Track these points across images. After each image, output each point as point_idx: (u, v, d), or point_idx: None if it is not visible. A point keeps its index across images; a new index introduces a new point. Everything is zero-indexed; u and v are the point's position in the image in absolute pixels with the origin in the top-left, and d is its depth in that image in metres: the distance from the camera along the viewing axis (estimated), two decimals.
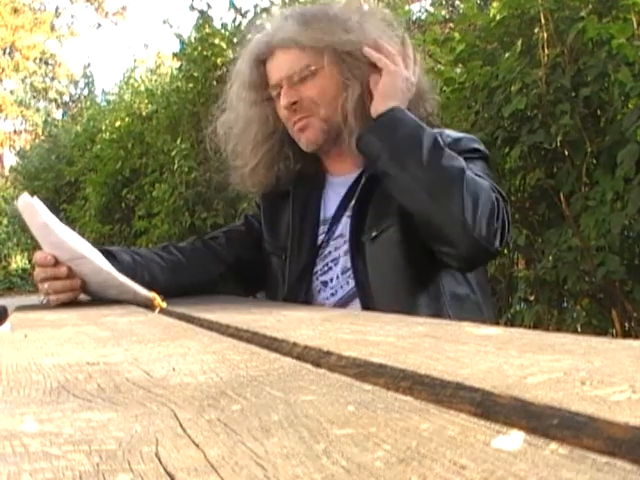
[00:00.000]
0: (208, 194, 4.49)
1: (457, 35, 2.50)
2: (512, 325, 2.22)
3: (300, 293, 1.21)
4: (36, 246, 1.16)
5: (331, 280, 1.20)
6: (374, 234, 1.15)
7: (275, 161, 1.29)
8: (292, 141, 1.27)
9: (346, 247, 1.19)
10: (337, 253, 1.20)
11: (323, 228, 1.24)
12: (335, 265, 1.20)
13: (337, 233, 1.22)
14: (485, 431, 0.27)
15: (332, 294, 1.19)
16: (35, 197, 1.09)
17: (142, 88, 6.60)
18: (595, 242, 1.90)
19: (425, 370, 0.36)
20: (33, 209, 1.07)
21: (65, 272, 1.10)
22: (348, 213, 1.21)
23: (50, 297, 1.12)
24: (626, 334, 1.96)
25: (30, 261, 10.90)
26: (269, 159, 1.28)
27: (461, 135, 1.24)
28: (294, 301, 1.19)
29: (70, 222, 6.99)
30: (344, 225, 1.21)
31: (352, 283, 1.16)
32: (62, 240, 1.08)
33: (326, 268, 1.21)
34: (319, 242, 1.23)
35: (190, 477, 0.23)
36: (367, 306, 1.13)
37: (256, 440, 0.27)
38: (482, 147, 1.22)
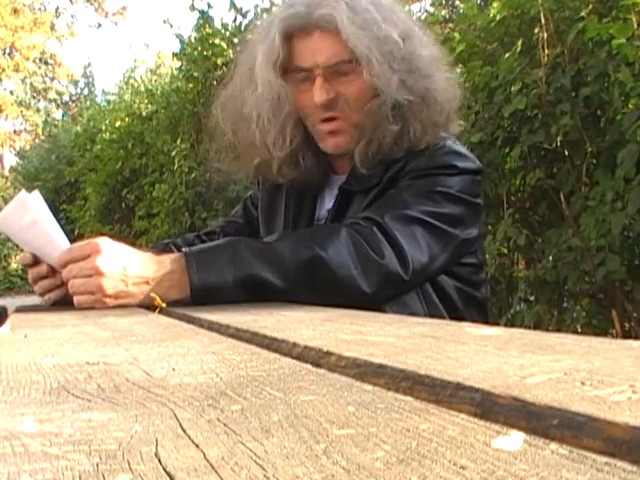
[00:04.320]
0: (208, 194, 4.50)
1: (457, 35, 2.50)
2: (512, 325, 2.22)
3: None
4: None
5: None
6: None
7: (298, 155, 1.17)
8: (309, 138, 1.16)
9: None
10: None
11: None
12: None
13: None
14: (485, 431, 0.27)
15: None
16: (36, 192, 1.05)
17: (142, 88, 6.60)
18: (595, 242, 1.90)
19: (425, 370, 0.36)
20: (24, 208, 1.03)
21: (45, 269, 1.06)
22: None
23: (43, 298, 1.11)
24: (626, 334, 1.96)
25: None
26: (295, 151, 1.16)
27: (443, 147, 1.11)
28: None
29: (70, 222, 7.00)
30: None
31: None
32: (50, 237, 1.04)
33: None
34: None
35: (190, 477, 0.23)
36: None
37: (256, 440, 0.27)
38: (463, 163, 1.09)
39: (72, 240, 1.05)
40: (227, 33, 4.37)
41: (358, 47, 1.05)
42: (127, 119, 5.86)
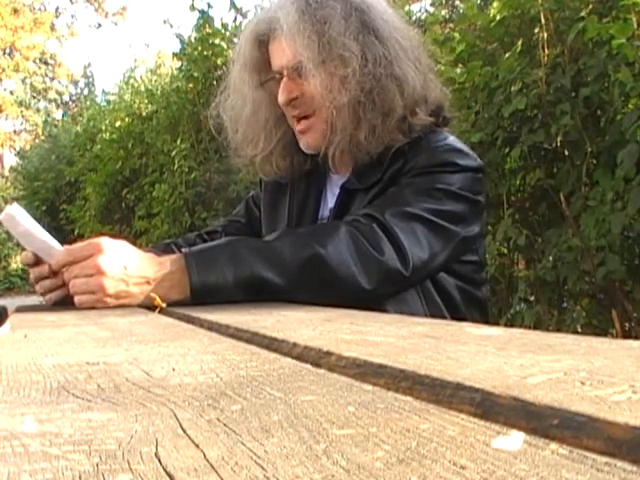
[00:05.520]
0: (208, 194, 4.50)
1: (457, 35, 2.50)
2: (512, 325, 2.22)
3: None
4: None
5: None
6: None
7: (289, 151, 1.22)
8: None
9: None
10: None
11: None
12: None
13: None
14: (485, 431, 0.27)
15: None
16: (15, 204, 1.07)
17: (142, 88, 6.60)
18: (595, 242, 1.90)
19: (425, 370, 0.36)
20: (14, 221, 1.05)
21: (47, 269, 1.06)
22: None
23: (45, 298, 1.11)
24: (626, 334, 1.96)
25: None
26: (283, 146, 1.21)
27: (444, 145, 1.11)
28: None
29: (70, 222, 6.99)
30: None
31: None
32: (46, 242, 1.06)
33: None
34: None
35: (190, 477, 0.23)
36: None
37: (256, 440, 0.27)
38: (464, 161, 1.09)
39: (72, 240, 1.06)
40: (227, 33, 4.37)
41: (302, 51, 1.08)
42: (127, 119, 5.86)
